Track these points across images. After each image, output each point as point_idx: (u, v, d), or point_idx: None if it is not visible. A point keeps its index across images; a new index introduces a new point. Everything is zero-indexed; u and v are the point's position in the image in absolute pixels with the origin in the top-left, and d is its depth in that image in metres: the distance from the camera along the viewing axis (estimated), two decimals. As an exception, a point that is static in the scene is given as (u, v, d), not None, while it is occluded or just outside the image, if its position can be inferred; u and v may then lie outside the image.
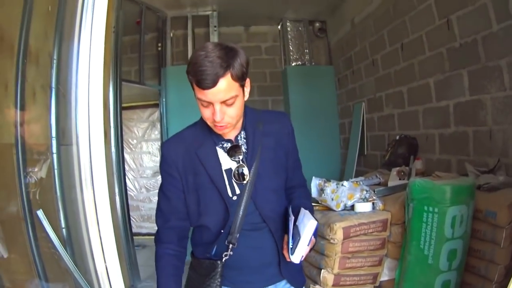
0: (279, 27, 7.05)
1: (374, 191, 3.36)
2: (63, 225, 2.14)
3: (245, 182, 1.66)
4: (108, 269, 1.77)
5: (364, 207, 3.16)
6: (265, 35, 7.20)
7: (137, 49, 5.95)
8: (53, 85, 2.29)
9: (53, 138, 2.22)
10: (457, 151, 3.67)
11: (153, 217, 6.77)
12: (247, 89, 1.60)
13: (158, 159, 7.27)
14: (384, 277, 3.15)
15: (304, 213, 1.61)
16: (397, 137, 4.45)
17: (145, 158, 7.45)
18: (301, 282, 1.90)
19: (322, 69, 6.95)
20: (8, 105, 1.88)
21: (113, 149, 4.69)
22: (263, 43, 7.21)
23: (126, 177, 6.56)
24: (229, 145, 1.68)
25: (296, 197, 1.84)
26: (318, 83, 6.75)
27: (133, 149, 7.41)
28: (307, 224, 1.53)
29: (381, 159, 4.94)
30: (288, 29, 6.86)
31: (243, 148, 1.69)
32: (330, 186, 3.32)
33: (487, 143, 3.27)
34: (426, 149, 4.14)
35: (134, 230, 6.40)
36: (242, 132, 1.71)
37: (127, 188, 5.88)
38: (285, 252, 1.67)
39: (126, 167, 6.87)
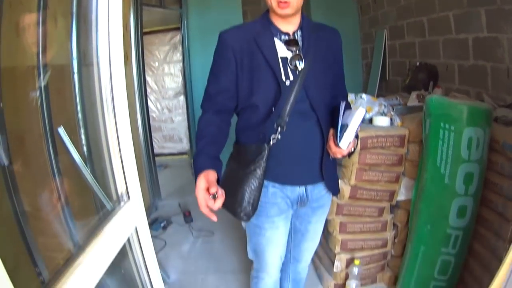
0: None
1: (393, 108, 3.35)
2: (83, 142, 2.23)
3: (299, 69, 1.77)
4: (128, 186, 1.87)
5: (382, 121, 3.16)
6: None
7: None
8: (74, 10, 2.32)
9: (74, 59, 2.28)
10: (476, 84, 3.62)
11: (175, 137, 7.03)
12: None
13: (180, 80, 7.33)
14: (401, 196, 3.16)
15: (350, 111, 1.73)
16: (417, 63, 4.40)
17: (167, 79, 7.49)
18: (337, 191, 2.07)
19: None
20: (30, 30, 1.93)
21: (134, 70, 4.77)
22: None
23: (148, 99, 6.67)
24: (287, 37, 1.81)
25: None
26: (341, 9, 6.55)
27: (155, 71, 7.45)
28: (356, 112, 1.65)
29: (402, 84, 4.91)
30: (312, -49, 6.57)
31: (299, 43, 1.81)
32: (348, 98, 3.34)
33: (505, 81, 3.22)
34: (446, 78, 4.09)
35: (156, 150, 6.60)
36: (298, 31, 1.84)
37: (149, 109, 6.01)
38: (331, 142, 1.78)
39: (148, 90, 6.96)
